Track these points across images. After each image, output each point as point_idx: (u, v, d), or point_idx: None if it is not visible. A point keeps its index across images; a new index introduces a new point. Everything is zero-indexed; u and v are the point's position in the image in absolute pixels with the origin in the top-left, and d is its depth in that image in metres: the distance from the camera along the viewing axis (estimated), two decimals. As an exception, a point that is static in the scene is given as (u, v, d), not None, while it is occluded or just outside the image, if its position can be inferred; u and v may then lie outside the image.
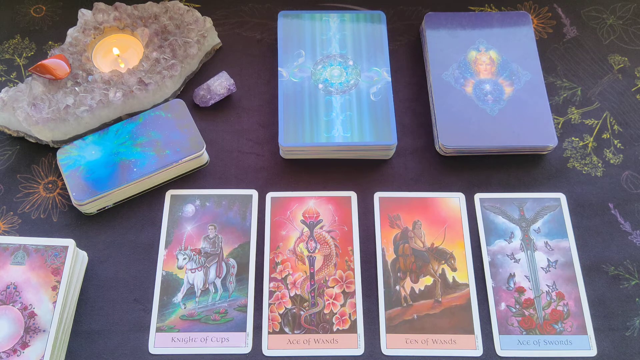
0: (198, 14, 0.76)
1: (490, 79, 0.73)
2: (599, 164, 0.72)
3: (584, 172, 0.72)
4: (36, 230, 0.67)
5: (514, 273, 0.65)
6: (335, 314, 0.64)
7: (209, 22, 0.76)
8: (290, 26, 0.76)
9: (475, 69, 0.73)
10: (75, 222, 0.68)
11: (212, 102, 0.74)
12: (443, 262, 0.66)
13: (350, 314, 0.64)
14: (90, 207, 0.66)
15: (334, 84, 0.72)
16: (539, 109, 0.71)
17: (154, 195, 0.69)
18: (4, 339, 0.57)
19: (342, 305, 0.64)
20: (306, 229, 0.68)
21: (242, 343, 0.62)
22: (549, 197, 0.70)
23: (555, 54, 0.79)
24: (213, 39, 0.77)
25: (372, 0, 0.82)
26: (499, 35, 0.76)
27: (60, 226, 0.68)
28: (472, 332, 0.63)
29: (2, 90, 0.70)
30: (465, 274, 0.65)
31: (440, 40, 0.75)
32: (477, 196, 0.70)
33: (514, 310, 0.64)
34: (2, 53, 0.78)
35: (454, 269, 0.66)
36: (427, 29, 0.76)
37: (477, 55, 0.74)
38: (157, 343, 0.62)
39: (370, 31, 0.76)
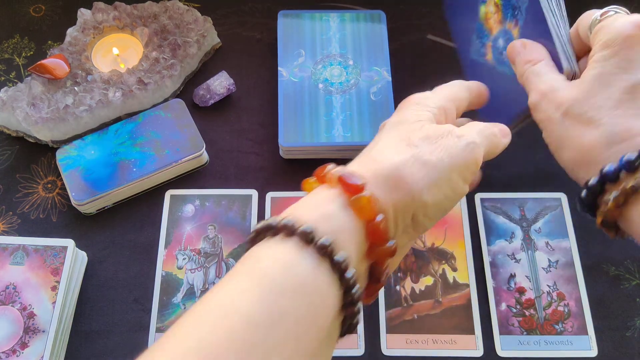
0: (198, 13, 0.76)
1: (500, 29, 0.62)
2: (600, 164, 0.72)
3: (584, 172, 0.71)
4: (35, 230, 0.67)
5: (514, 273, 0.65)
6: (336, 314, 0.63)
7: (208, 21, 0.76)
8: (290, 26, 0.76)
9: (487, 27, 0.64)
10: (75, 222, 0.68)
11: (212, 101, 0.74)
12: (443, 262, 0.66)
13: (350, 314, 0.63)
14: (89, 207, 0.66)
15: (334, 83, 0.72)
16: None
17: (154, 195, 0.69)
18: (3, 339, 0.57)
19: (342, 306, 0.64)
20: (306, 229, 0.67)
21: (242, 343, 0.62)
22: (549, 197, 0.69)
23: (555, 53, 0.79)
24: (213, 39, 0.77)
25: (372, 0, 0.82)
26: None
27: (59, 226, 0.68)
28: (472, 332, 0.63)
29: (2, 90, 0.70)
30: (465, 274, 0.65)
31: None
32: (478, 196, 0.69)
33: (514, 310, 0.63)
34: (1, 53, 0.78)
35: (454, 269, 0.66)
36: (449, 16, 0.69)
37: (485, 9, 0.64)
38: (156, 343, 0.62)
39: (370, 31, 0.75)
